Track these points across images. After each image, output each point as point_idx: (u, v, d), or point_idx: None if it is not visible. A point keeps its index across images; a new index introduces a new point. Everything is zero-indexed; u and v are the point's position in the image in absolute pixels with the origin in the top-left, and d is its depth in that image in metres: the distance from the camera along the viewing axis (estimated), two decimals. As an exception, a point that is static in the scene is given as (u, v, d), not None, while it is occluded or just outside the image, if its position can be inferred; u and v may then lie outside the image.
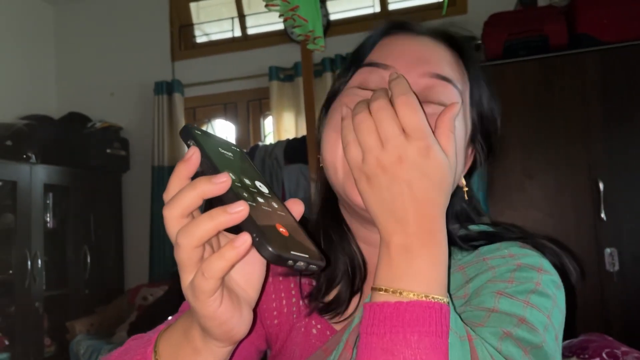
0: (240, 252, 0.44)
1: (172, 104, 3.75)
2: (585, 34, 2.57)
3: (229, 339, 0.51)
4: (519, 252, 0.63)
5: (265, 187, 0.52)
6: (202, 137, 0.50)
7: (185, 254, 0.45)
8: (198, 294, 0.46)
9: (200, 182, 0.45)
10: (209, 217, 0.44)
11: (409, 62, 0.65)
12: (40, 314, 3.21)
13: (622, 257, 2.41)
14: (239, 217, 0.43)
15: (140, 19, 4.00)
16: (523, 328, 0.54)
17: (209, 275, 0.44)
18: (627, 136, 2.44)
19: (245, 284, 0.52)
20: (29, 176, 3.20)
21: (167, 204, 0.46)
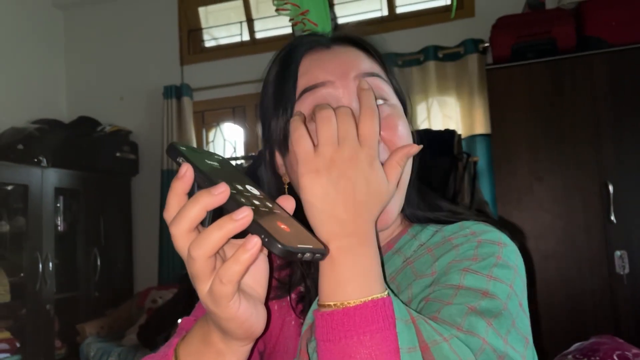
0: (253, 254, 0.46)
1: (181, 107, 3.78)
2: (593, 36, 2.56)
3: (250, 336, 0.54)
4: (479, 229, 0.68)
5: (256, 189, 0.54)
6: (188, 152, 0.52)
7: (199, 266, 0.48)
8: (219, 299, 0.48)
9: (201, 195, 0.47)
10: (217, 227, 0.46)
11: (340, 73, 0.68)
12: (51, 317, 3.23)
13: (632, 259, 2.40)
14: (245, 222, 0.46)
15: (149, 24, 4.03)
16: (486, 300, 0.58)
17: (227, 280, 0.47)
18: (636, 138, 2.44)
19: (253, 282, 0.55)
20: (40, 180, 3.23)
21: (173, 221, 0.48)
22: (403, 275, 0.67)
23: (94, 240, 3.58)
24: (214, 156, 0.57)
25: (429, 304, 0.59)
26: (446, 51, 3.22)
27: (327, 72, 0.69)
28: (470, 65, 3.12)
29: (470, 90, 3.12)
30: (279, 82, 0.73)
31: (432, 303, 0.59)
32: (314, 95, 0.68)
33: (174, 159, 0.52)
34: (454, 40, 3.20)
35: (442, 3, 3.47)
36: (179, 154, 0.51)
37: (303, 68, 0.71)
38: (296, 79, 0.70)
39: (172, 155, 0.52)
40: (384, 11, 3.60)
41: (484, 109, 3.03)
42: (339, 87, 0.68)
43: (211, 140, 3.98)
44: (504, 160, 2.63)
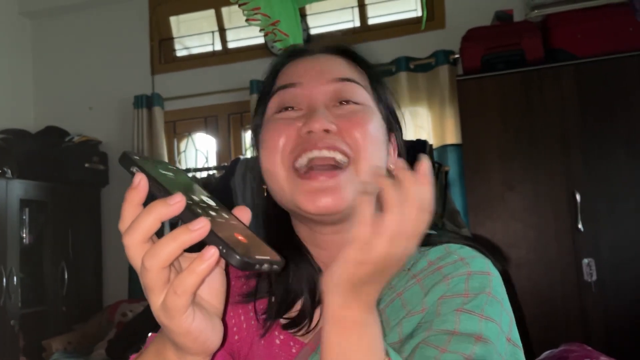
0: (210, 265, 0.45)
1: (152, 117, 3.73)
2: (560, 48, 2.63)
3: (205, 351, 0.52)
4: (467, 255, 0.67)
5: (212, 201, 0.53)
6: (142, 161, 0.51)
7: (152, 277, 0.46)
8: (172, 312, 0.47)
9: (156, 205, 0.46)
10: (172, 238, 0.45)
11: (313, 76, 0.71)
12: (16, 332, 3.13)
13: (599, 267, 2.45)
14: (202, 233, 0.44)
15: (120, 33, 3.98)
16: (480, 345, 0.59)
17: (181, 291, 0.45)
18: (603, 148, 2.50)
19: (209, 296, 0.53)
20: (5, 191, 3.15)
21: (127, 231, 0.47)
22: (392, 309, 0.65)
23: (61, 253, 3.49)
24: (168, 166, 0.55)
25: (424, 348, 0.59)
26: (417, 62, 3.26)
27: (301, 74, 0.72)
28: (442, 76, 3.16)
29: (442, 100, 3.16)
30: (263, 86, 0.79)
31: (427, 349, 0.59)
32: (284, 93, 0.72)
33: (127, 169, 0.50)
34: (425, 52, 3.24)
35: (414, 15, 3.51)
36: (132, 163, 0.50)
37: (284, 71, 0.75)
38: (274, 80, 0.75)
39: (125, 164, 0.50)
40: (356, 22, 3.62)
41: (455, 119, 3.07)
42: (309, 88, 0.70)
43: (183, 151, 3.93)
44: (475, 170, 2.66)
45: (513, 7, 2.95)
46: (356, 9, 3.62)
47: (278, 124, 0.70)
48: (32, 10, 4.09)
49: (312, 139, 0.67)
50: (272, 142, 0.70)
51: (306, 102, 0.70)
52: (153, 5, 3.94)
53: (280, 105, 0.72)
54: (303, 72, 0.72)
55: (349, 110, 0.70)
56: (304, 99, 0.70)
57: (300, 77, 0.72)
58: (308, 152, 0.66)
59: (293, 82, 0.71)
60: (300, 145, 0.67)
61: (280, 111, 0.71)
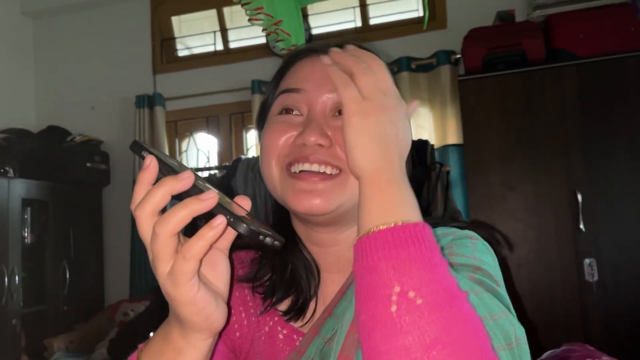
0: (218, 231, 0.48)
1: (154, 117, 3.73)
2: (562, 49, 2.63)
3: (209, 328, 0.54)
4: (451, 230, 0.71)
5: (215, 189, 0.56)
6: (151, 148, 0.54)
7: (162, 243, 0.49)
8: (179, 277, 0.49)
9: (166, 180, 0.49)
10: (183, 205, 0.48)
11: (317, 82, 0.72)
12: (18, 332, 3.14)
13: (600, 267, 2.45)
14: (211, 203, 0.48)
15: (122, 32, 3.98)
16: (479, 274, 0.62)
17: (189, 256, 0.48)
18: (603, 147, 2.50)
19: (215, 279, 0.56)
20: (7, 191, 3.15)
21: (139, 205, 0.50)
22: None
23: (63, 253, 3.50)
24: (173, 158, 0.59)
25: None
26: (419, 62, 3.26)
27: (305, 80, 0.73)
28: (443, 76, 3.16)
29: (443, 100, 3.16)
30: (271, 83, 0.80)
31: None
32: (287, 97, 0.73)
33: (137, 154, 0.53)
34: (426, 52, 3.24)
35: (415, 15, 3.52)
36: (143, 148, 0.53)
37: (291, 71, 0.76)
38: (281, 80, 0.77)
39: (136, 149, 0.54)
40: (358, 22, 3.62)
41: (457, 119, 3.07)
42: (311, 96, 0.72)
43: (184, 150, 3.94)
44: (476, 170, 2.66)
45: (515, 7, 2.95)
46: (358, 9, 3.62)
47: (277, 126, 0.72)
48: (34, 10, 4.09)
49: (305, 151, 0.68)
50: (269, 145, 0.72)
51: (306, 108, 0.72)
52: (155, 5, 3.94)
53: (282, 107, 0.73)
54: (307, 76, 0.73)
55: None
56: (304, 105, 0.72)
57: (304, 82, 0.73)
58: (300, 163, 0.68)
59: (296, 88, 0.73)
60: (294, 153, 0.69)
61: (281, 113, 0.73)
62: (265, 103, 0.79)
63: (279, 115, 0.74)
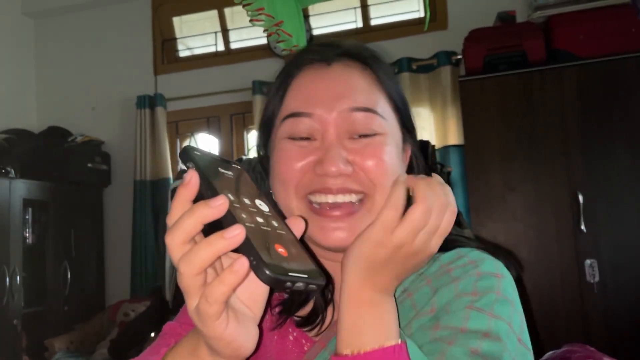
0: (239, 277, 0.45)
1: (155, 117, 3.74)
2: (562, 49, 2.63)
3: (238, 356, 0.53)
4: (477, 258, 0.67)
5: (266, 205, 0.52)
6: (201, 157, 0.51)
7: (187, 281, 0.47)
8: (204, 318, 0.48)
9: (198, 207, 0.46)
10: (207, 244, 0.45)
11: (327, 103, 0.67)
12: (19, 332, 3.14)
13: (601, 267, 2.44)
14: (236, 241, 0.44)
15: (123, 33, 3.99)
16: (487, 342, 0.59)
17: (212, 300, 0.46)
18: (605, 148, 2.50)
19: (249, 301, 0.54)
20: (8, 191, 3.15)
21: (169, 231, 0.47)
22: (402, 309, 0.65)
23: (64, 253, 3.50)
24: (232, 165, 0.55)
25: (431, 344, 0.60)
26: (420, 63, 3.26)
27: (315, 101, 0.68)
28: (444, 77, 3.16)
29: (444, 101, 3.16)
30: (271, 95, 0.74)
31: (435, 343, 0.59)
32: (297, 122, 0.68)
33: (184, 164, 0.51)
34: (427, 52, 3.24)
35: (416, 15, 3.52)
36: (190, 158, 0.50)
37: (296, 85, 0.71)
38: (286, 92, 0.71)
39: (184, 159, 0.51)
40: (359, 23, 3.63)
41: (457, 120, 3.07)
42: (324, 120, 0.67)
43: (185, 151, 3.93)
44: (476, 170, 2.66)
45: (515, 8, 2.95)
46: (359, 9, 3.62)
47: (291, 152, 0.68)
48: (35, 11, 4.10)
49: (327, 182, 0.65)
50: (285, 174, 0.68)
51: (320, 134, 0.67)
52: (156, 5, 3.95)
53: (292, 133, 0.68)
54: (316, 95, 0.68)
55: (365, 144, 0.67)
56: (317, 131, 0.67)
57: (314, 103, 0.67)
58: (323, 195, 0.66)
59: (306, 112, 0.67)
60: (315, 183, 0.66)
61: (292, 138, 0.68)
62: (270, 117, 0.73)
63: (290, 140, 0.68)
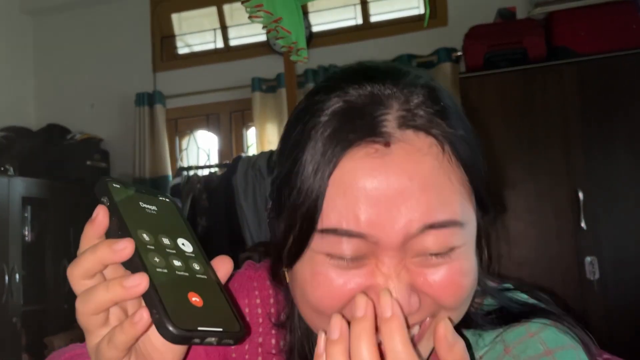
0: (139, 329, 0.42)
1: (154, 115, 3.73)
2: (562, 46, 2.62)
3: None
4: (554, 347, 0.52)
5: (191, 245, 0.48)
6: (119, 191, 0.47)
7: (84, 319, 0.44)
8: (101, 358, 0.45)
9: (101, 247, 0.43)
10: (105, 289, 0.42)
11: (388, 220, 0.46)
12: (18, 330, 3.14)
13: (602, 265, 2.44)
14: (136, 292, 0.41)
15: (121, 30, 3.97)
16: None
17: (112, 345, 0.43)
18: (605, 145, 2.49)
19: (163, 346, 0.48)
20: (7, 189, 3.14)
21: (71, 263, 0.45)
22: None
23: (63, 251, 3.49)
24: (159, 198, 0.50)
25: None
26: (420, 60, 3.25)
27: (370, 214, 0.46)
28: (444, 74, 3.15)
29: (444, 98, 3.15)
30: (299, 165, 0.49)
31: None
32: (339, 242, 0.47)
33: (98, 198, 0.47)
34: (427, 49, 3.23)
35: (416, 12, 3.51)
36: (105, 192, 0.46)
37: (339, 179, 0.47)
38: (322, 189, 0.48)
39: (99, 192, 0.47)
40: (359, 19, 3.61)
41: (457, 117, 3.06)
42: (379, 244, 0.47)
43: (185, 148, 3.93)
44: (477, 168, 2.65)
45: (516, 4, 2.93)
46: (358, 6, 3.61)
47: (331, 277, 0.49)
48: (33, 8, 4.08)
49: None
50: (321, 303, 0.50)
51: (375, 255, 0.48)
52: (154, 2, 3.93)
53: (333, 251, 0.48)
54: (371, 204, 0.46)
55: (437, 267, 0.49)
56: (371, 252, 0.48)
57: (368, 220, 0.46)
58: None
59: (357, 233, 0.47)
60: None
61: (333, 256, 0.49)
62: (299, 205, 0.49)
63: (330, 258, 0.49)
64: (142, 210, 0.48)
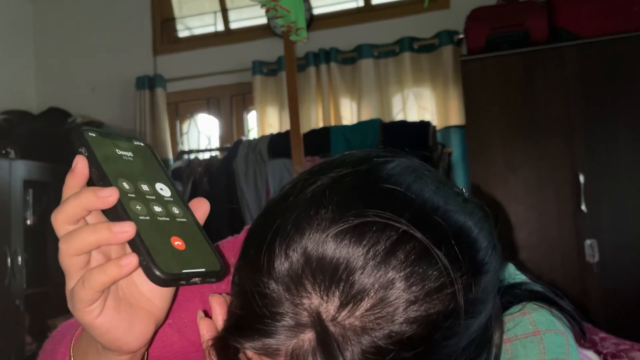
0: (124, 273, 0.42)
1: (154, 98, 3.72)
2: (564, 28, 2.60)
3: (119, 349, 0.48)
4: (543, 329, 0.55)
5: (168, 189, 0.49)
6: (95, 140, 0.47)
7: (65, 261, 0.44)
8: (75, 301, 0.44)
9: (85, 193, 0.43)
10: (92, 231, 0.42)
11: None
12: (21, 312, 3.16)
13: (602, 248, 2.44)
14: (124, 237, 0.42)
15: (122, 13, 3.95)
16: None
17: (88, 286, 0.43)
18: (606, 129, 2.48)
19: (151, 292, 0.48)
20: (8, 172, 3.15)
21: (55, 209, 0.45)
22: None
23: (65, 234, 3.50)
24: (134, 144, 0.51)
25: None
26: (421, 42, 3.23)
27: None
28: (445, 57, 3.13)
29: (445, 81, 3.13)
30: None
31: None
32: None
33: (76, 149, 0.46)
34: (429, 32, 3.21)
35: (418, -6, 3.47)
36: (82, 142, 0.46)
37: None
38: None
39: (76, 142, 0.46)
40: (360, 2, 3.58)
41: (459, 101, 3.05)
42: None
43: (185, 132, 3.93)
44: (477, 151, 2.65)
45: (518, -14, 2.91)
46: (360, -12, 3.58)
47: None
48: (33, -9, 4.06)
49: None
50: None
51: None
52: (155, -15, 3.91)
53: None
54: None
55: None
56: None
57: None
58: None
59: None
60: None
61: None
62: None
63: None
64: (120, 157, 0.48)
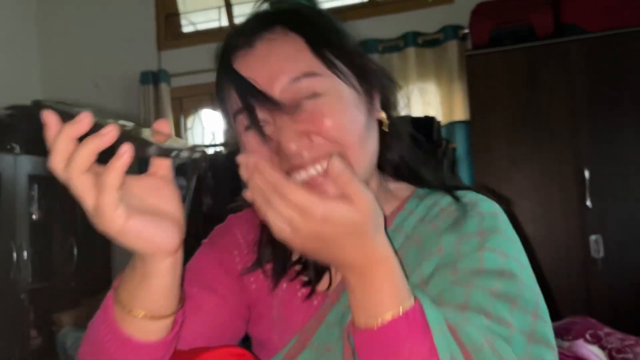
0: (125, 159, 0.49)
1: (159, 94, 3.72)
2: (570, 23, 2.58)
3: (158, 249, 0.55)
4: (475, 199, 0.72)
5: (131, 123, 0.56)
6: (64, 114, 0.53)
7: (77, 182, 0.50)
8: (101, 212, 0.50)
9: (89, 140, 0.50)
10: (84, 145, 0.49)
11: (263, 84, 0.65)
12: (26, 306, 3.18)
13: (606, 243, 2.44)
14: (111, 136, 0.49)
15: (125, 8, 3.95)
16: (504, 281, 0.62)
17: (104, 187, 0.49)
18: (611, 124, 2.47)
19: (162, 203, 0.57)
20: (13, 167, 3.16)
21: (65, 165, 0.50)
22: (410, 253, 0.68)
23: (70, 229, 3.52)
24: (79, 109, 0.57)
25: (452, 289, 0.62)
26: (426, 37, 3.22)
27: None
28: (450, 52, 3.11)
29: (450, 76, 3.12)
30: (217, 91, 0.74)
31: (455, 288, 0.61)
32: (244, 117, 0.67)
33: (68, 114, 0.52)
34: (433, 27, 3.20)
35: (422, -11, 3.45)
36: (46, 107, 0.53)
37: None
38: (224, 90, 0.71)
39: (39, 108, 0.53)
40: (365, -3, 3.57)
41: (463, 96, 3.03)
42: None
43: (190, 127, 3.93)
44: (482, 146, 2.64)
45: (523, -20, 2.89)
46: (364, -17, 3.56)
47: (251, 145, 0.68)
48: (37, -14, 4.06)
49: (295, 160, 0.64)
50: None
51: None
52: (159, -20, 3.90)
53: (245, 127, 0.68)
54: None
55: (312, 109, 0.64)
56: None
57: None
58: (296, 173, 0.64)
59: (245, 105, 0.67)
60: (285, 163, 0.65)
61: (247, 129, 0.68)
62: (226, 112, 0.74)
63: (247, 133, 0.68)
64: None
